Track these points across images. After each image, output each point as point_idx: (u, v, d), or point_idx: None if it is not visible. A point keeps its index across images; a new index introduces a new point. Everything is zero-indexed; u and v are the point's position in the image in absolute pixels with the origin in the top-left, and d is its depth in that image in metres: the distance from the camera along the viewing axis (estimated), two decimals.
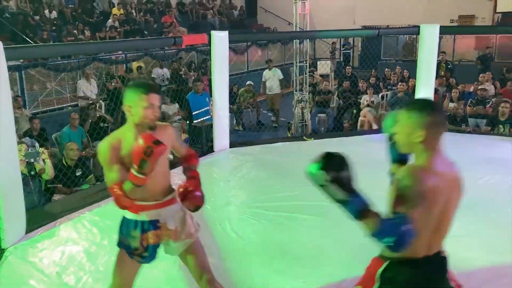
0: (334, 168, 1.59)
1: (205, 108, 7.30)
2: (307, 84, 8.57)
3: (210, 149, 5.96)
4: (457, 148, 5.91)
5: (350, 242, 3.51)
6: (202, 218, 4.01)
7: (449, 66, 10.80)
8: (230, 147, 6.14)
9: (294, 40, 8.35)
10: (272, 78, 9.94)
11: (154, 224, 2.27)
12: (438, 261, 1.79)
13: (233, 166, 5.50)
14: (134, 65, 10.29)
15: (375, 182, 2.70)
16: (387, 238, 1.56)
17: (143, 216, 2.26)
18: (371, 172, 3.28)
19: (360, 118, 8.49)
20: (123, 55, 10.00)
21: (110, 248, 3.47)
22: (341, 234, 3.65)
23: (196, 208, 2.36)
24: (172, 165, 2.73)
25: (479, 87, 8.24)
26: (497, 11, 12.97)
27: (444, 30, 7.02)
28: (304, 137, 6.71)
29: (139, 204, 2.23)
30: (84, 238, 3.69)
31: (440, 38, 7.52)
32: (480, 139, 6.40)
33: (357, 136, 6.87)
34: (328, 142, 6.42)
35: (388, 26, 15.32)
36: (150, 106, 2.14)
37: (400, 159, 1.96)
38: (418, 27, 6.62)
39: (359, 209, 1.60)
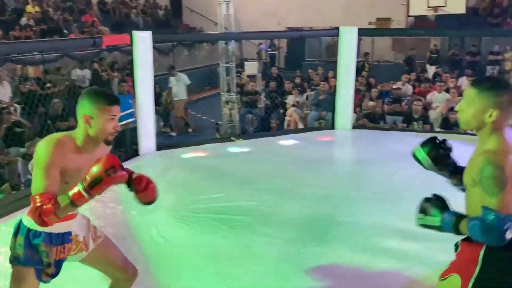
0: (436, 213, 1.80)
1: (129, 111, 7.09)
2: (235, 85, 8.63)
3: (135, 153, 5.81)
4: (375, 144, 6.30)
5: (279, 239, 3.59)
6: (127, 225, 3.91)
7: (370, 67, 11.34)
8: (157, 150, 6.02)
9: (220, 41, 8.38)
10: (177, 85, 9.34)
11: (66, 237, 2.07)
12: None
13: (160, 170, 5.40)
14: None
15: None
16: (491, 238, 1.60)
17: (57, 228, 1.98)
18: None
19: (287, 118, 8.70)
20: (40, 55, 9.44)
21: None
22: (269, 232, 3.72)
23: (151, 201, 2.26)
24: None
25: (394, 86, 8.76)
26: (410, 14, 13.83)
27: (362, 32, 7.37)
28: (232, 138, 6.75)
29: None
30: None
31: (360, 40, 7.90)
32: (397, 136, 6.79)
33: (284, 135, 7.02)
34: (257, 142, 6.52)
35: (311, 27, 15.83)
36: (113, 118, 1.98)
37: (454, 170, 1.99)
38: (338, 29, 6.90)
39: (452, 222, 1.72)
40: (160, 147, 6.13)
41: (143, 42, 5.61)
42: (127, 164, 4.50)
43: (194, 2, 18.41)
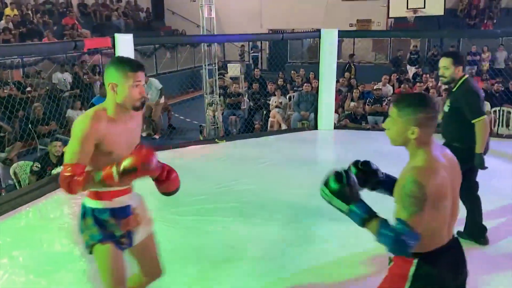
0: (337, 182, 1.71)
1: None
2: (217, 86, 8.64)
3: None
4: (357, 144, 6.39)
5: (263, 240, 3.63)
6: None
7: (355, 67, 11.48)
8: None
9: (202, 44, 8.38)
10: (149, 91, 8.97)
11: (128, 210, 2.16)
12: (457, 242, 1.84)
13: None
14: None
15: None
16: (387, 245, 1.63)
17: (117, 202, 2.11)
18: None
19: (270, 119, 8.75)
20: (19, 59, 9.32)
21: (11, 267, 3.26)
22: (253, 233, 3.76)
23: (174, 191, 2.27)
24: None
25: (375, 87, 8.88)
26: (390, 16, 14.04)
27: (342, 34, 7.47)
28: (216, 140, 6.76)
29: (112, 190, 2.07)
30: None
31: (341, 41, 8.00)
32: (378, 135, 6.87)
33: (267, 137, 7.07)
34: (240, 143, 6.55)
35: (293, 30, 15.95)
36: (137, 84, 2.01)
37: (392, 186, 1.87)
38: (319, 31, 6.98)
39: (362, 217, 1.68)
40: None
41: (125, 45, 5.60)
42: None
43: (175, 5, 18.38)
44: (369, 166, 1.97)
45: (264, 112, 9.11)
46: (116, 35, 5.62)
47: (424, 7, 12.58)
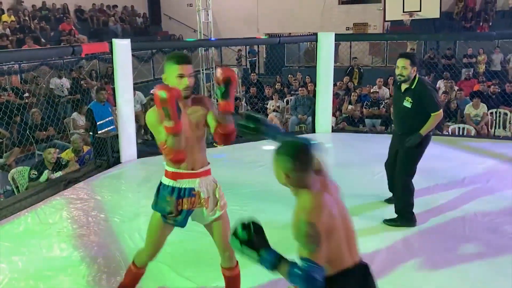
0: (245, 235, 1.80)
1: (109, 118, 7.06)
2: (215, 91, 8.67)
3: (117, 161, 5.79)
4: (355, 147, 6.41)
5: None
6: (110, 232, 3.91)
7: (360, 71, 11.41)
8: (138, 158, 6.02)
9: (200, 48, 8.41)
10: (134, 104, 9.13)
11: (190, 192, 2.45)
12: (365, 268, 1.95)
13: (142, 177, 5.40)
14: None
15: None
16: (300, 284, 1.71)
17: (180, 183, 2.44)
18: None
19: None
20: (17, 65, 9.33)
21: (10, 272, 3.26)
22: None
23: (229, 78, 2.29)
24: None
25: (372, 90, 8.91)
26: (386, 19, 14.11)
27: (339, 38, 7.50)
28: (214, 143, 6.76)
29: (177, 171, 2.43)
30: None
31: (337, 45, 8.03)
32: (376, 138, 6.91)
33: (264, 140, 7.06)
34: (238, 147, 6.55)
35: (290, 33, 15.99)
36: (181, 75, 2.31)
37: None
38: (316, 34, 7.01)
39: (272, 262, 1.77)
40: (141, 154, 6.13)
41: (122, 50, 5.62)
42: (109, 172, 4.52)
43: (172, 10, 18.43)
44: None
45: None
46: (114, 40, 5.64)
47: (420, 10, 12.64)
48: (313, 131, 7.24)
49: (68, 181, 5.05)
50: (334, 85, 8.34)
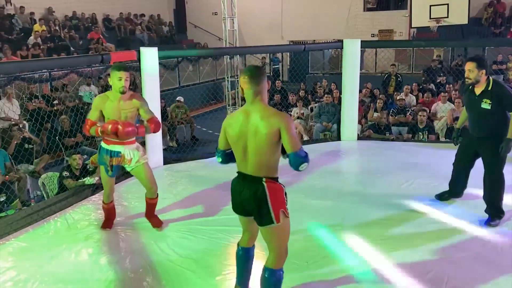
0: None
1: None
2: (239, 98, 8.71)
3: None
4: (381, 155, 6.32)
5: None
6: (137, 237, 3.95)
7: (398, 79, 11.19)
8: (164, 164, 6.08)
9: (225, 56, 8.47)
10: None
11: (117, 154, 3.77)
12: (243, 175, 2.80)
13: (168, 184, 5.44)
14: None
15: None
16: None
17: (112, 147, 3.76)
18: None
19: None
20: (47, 73, 9.58)
21: (40, 275, 3.33)
22: None
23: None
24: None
25: (398, 97, 8.79)
26: (412, 26, 13.94)
27: (365, 44, 7.45)
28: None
29: (110, 140, 3.71)
30: (11, 267, 3.49)
31: (363, 52, 7.98)
32: (402, 146, 6.82)
33: None
34: None
35: (314, 41, 15.96)
36: (120, 78, 3.63)
37: None
38: (342, 41, 6.97)
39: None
40: (167, 161, 6.19)
41: (150, 58, 5.70)
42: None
43: (197, 18, 18.66)
44: None
45: None
46: (142, 48, 5.73)
47: (448, 17, 12.46)
48: (339, 138, 7.18)
49: (96, 186, 5.14)
50: (359, 92, 8.26)
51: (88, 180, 5.18)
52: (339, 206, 4.52)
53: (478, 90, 3.92)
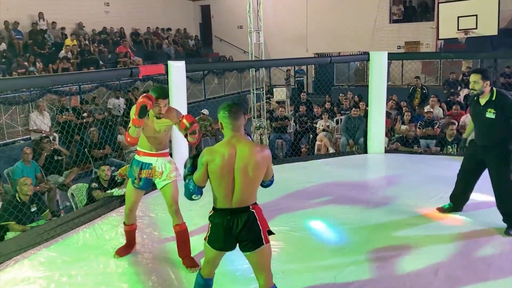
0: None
1: None
2: (265, 110, 8.72)
3: None
4: (410, 168, 6.21)
5: (313, 265, 3.57)
6: (164, 248, 3.98)
7: (424, 91, 11.03)
8: None
9: (250, 69, 8.52)
10: None
11: (149, 166, 3.62)
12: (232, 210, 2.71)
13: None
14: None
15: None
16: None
17: (143, 159, 3.63)
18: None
19: (317, 143, 8.70)
20: (77, 86, 9.83)
21: (70, 285, 3.37)
22: (303, 257, 3.71)
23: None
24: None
25: (426, 110, 8.64)
26: (440, 37, 13.76)
27: (392, 56, 7.37)
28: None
29: (142, 151, 3.62)
30: (42, 276, 3.55)
31: (389, 64, 7.90)
32: (430, 159, 6.68)
33: (315, 160, 7.00)
34: (288, 167, 6.53)
35: (339, 53, 15.92)
36: (158, 105, 3.46)
37: None
38: (368, 54, 6.93)
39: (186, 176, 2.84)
40: None
41: (177, 71, 5.79)
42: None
43: (223, 32, 18.89)
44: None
45: (311, 135, 9.07)
46: (169, 62, 5.83)
47: (476, 28, 12.24)
48: (365, 151, 7.10)
49: (124, 198, 5.20)
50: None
51: (116, 191, 5.26)
52: (366, 221, 4.45)
53: (482, 101, 4.05)
